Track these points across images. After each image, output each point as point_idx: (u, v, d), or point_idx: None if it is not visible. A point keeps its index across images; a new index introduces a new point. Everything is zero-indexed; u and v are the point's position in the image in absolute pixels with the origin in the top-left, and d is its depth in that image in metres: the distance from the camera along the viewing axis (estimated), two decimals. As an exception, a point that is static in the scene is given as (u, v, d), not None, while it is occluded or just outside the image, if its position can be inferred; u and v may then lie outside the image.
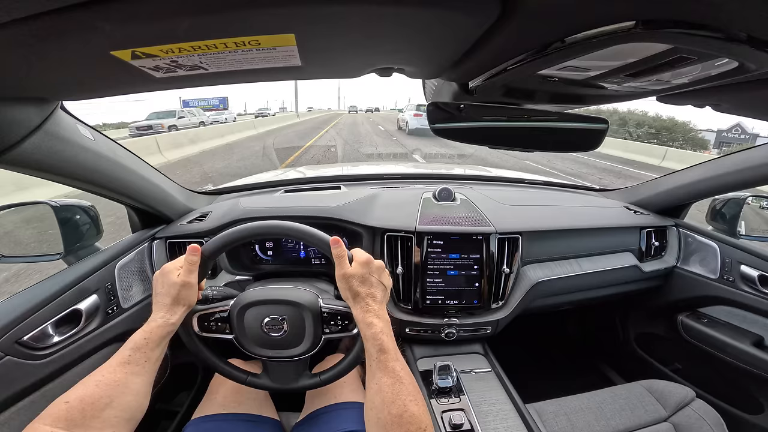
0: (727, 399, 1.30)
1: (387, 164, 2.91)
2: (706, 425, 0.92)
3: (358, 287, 0.66)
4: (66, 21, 0.32)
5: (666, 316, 1.46)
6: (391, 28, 0.40)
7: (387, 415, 0.56)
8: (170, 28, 0.35)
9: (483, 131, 0.68)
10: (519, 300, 1.16)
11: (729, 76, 0.44)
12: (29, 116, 0.60)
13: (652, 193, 1.45)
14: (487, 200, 1.29)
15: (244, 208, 1.18)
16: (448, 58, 0.51)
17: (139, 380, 0.58)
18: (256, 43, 0.39)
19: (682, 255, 1.39)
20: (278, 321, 0.75)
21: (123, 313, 0.94)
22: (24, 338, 0.72)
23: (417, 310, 1.14)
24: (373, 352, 0.62)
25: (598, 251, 1.30)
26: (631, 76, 0.48)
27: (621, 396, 1.03)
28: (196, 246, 0.70)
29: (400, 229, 1.12)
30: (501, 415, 0.93)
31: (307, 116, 39.21)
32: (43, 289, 0.78)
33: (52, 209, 0.90)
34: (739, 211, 1.27)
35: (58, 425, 0.49)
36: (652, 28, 0.34)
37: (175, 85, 0.52)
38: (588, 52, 0.39)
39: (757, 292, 1.17)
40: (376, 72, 0.55)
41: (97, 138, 0.80)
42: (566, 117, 0.69)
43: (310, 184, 1.57)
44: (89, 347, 0.85)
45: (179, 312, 0.66)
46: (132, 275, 1.01)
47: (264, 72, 0.50)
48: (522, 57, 0.46)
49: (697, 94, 0.57)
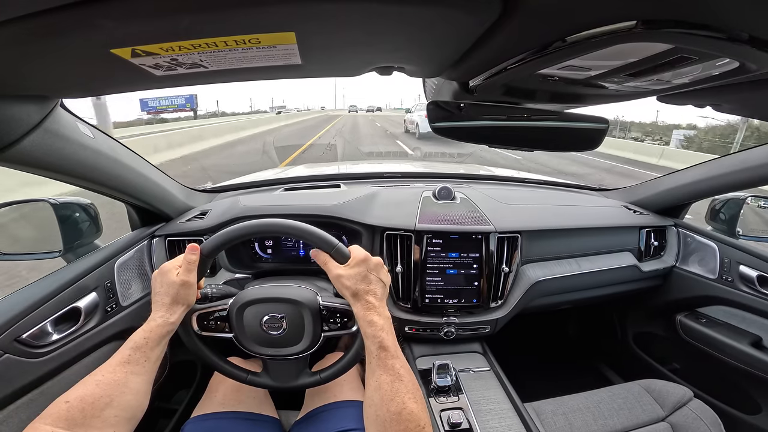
0: (725, 399, 1.31)
1: (387, 163, 2.91)
2: (703, 425, 0.92)
3: (358, 285, 0.66)
4: (66, 19, 0.32)
5: (664, 316, 1.47)
6: (391, 27, 0.40)
7: (386, 412, 0.56)
8: (170, 26, 0.35)
9: (483, 130, 0.68)
10: (518, 299, 1.16)
11: (730, 76, 0.44)
12: (29, 114, 0.60)
13: (652, 192, 1.46)
14: (486, 199, 1.29)
15: (243, 207, 1.18)
16: (448, 57, 0.50)
17: (139, 379, 0.58)
18: (257, 41, 0.39)
19: (681, 255, 1.40)
20: (277, 319, 0.75)
21: (122, 311, 0.94)
22: (23, 336, 0.71)
23: (416, 309, 1.14)
24: (373, 349, 0.62)
25: (598, 251, 1.31)
26: (631, 76, 0.48)
27: (619, 395, 1.03)
28: (195, 245, 0.70)
29: (399, 228, 1.12)
30: (499, 414, 0.93)
31: (266, 124, 21.84)
32: (43, 286, 0.78)
33: (51, 207, 0.90)
34: (739, 212, 1.28)
35: (59, 425, 0.49)
36: (652, 27, 0.34)
37: (175, 83, 0.52)
38: (589, 51, 0.39)
39: (755, 293, 1.17)
40: (376, 70, 0.55)
41: (97, 136, 0.80)
42: (566, 116, 0.69)
43: (309, 183, 1.56)
44: (88, 345, 0.85)
45: (179, 311, 0.66)
46: (131, 273, 1.01)
47: (264, 70, 0.50)
48: (523, 56, 0.46)
49: (698, 94, 0.57)
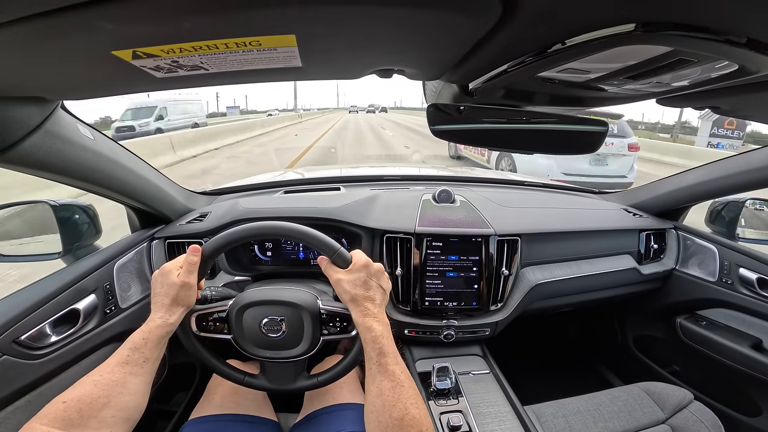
0: (725, 401, 1.30)
1: (386, 166, 2.91)
2: (703, 428, 0.92)
3: (357, 290, 0.66)
4: (67, 20, 0.32)
5: (664, 319, 1.47)
6: (392, 30, 0.40)
7: (388, 418, 0.56)
8: (171, 28, 0.35)
9: (483, 133, 0.68)
10: (518, 302, 1.15)
11: (729, 79, 0.44)
12: (30, 115, 0.60)
13: (651, 195, 1.46)
14: (486, 202, 1.29)
15: (243, 209, 1.18)
16: (448, 60, 0.51)
17: (138, 380, 0.58)
18: (257, 43, 0.39)
19: (681, 257, 1.39)
20: (277, 322, 0.75)
21: (121, 313, 0.94)
22: (21, 338, 0.71)
23: (416, 312, 1.14)
24: (374, 355, 0.62)
25: (597, 253, 1.31)
26: (631, 79, 0.48)
27: (619, 398, 1.03)
28: (196, 246, 0.70)
29: (399, 231, 1.12)
30: (499, 417, 0.93)
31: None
32: (41, 288, 0.78)
33: (51, 208, 0.90)
34: (738, 214, 1.28)
35: (55, 425, 0.48)
36: (652, 30, 0.34)
37: (175, 85, 0.52)
38: (588, 54, 0.40)
39: (755, 295, 1.17)
40: (376, 73, 0.55)
41: (97, 138, 0.80)
42: (566, 119, 0.69)
43: (309, 185, 1.57)
44: (87, 347, 0.84)
45: (178, 312, 0.66)
46: (130, 275, 1.01)
47: (264, 73, 0.50)
48: (522, 59, 0.46)
49: (697, 97, 0.57)
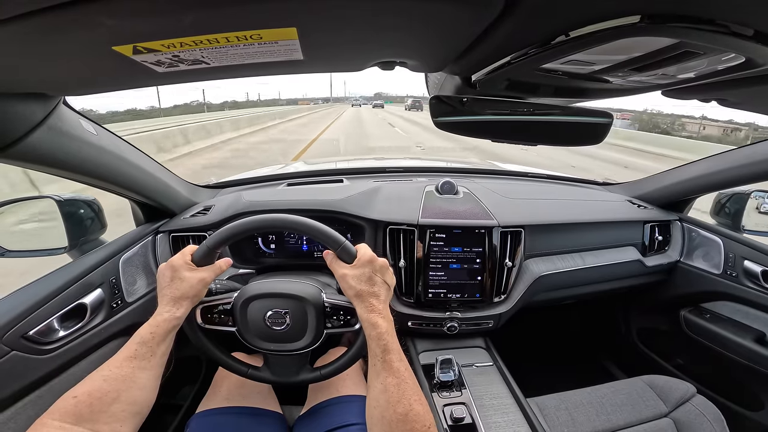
0: (728, 395, 1.30)
1: (390, 158, 2.90)
2: (706, 421, 0.92)
3: (361, 286, 0.67)
4: (68, 16, 0.32)
5: (668, 311, 1.46)
6: (393, 22, 0.40)
7: (393, 413, 0.56)
8: (172, 22, 0.35)
9: (486, 125, 0.67)
10: (521, 294, 1.16)
11: (736, 71, 0.43)
12: (32, 111, 0.61)
13: (656, 187, 1.44)
14: (489, 193, 1.29)
15: (246, 202, 1.18)
16: (451, 52, 0.50)
17: (146, 374, 0.58)
18: (258, 37, 0.39)
19: (686, 250, 1.39)
20: (281, 315, 0.75)
21: (127, 307, 0.95)
22: (30, 333, 0.72)
23: (419, 304, 1.14)
24: (378, 351, 0.62)
25: (601, 245, 1.30)
26: (636, 71, 0.48)
27: (622, 391, 1.03)
28: (228, 260, 0.76)
29: (402, 223, 1.12)
30: (502, 409, 0.93)
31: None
32: (48, 283, 0.79)
33: (56, 203, 0.91)
34: (744, 206, 1.27)
35: (67, 420, 0.49)
36: (657, 22, 0.33)
37: (177, 79, 0.52)
38: (592, 46, 0.39)
39: (760, 288, 1.16)
40: (378, 65, 0.55)
41: (100, 133, 0.80)
42: (570, 110, 0.68)
43: (312, 178, 1.56)
44: (94, 341, 0.85)
45: (185, 305, 0.66)
46: (136, 269, 1.01)
47: (266, 66, 0.50)
48: (526, 50, 0.45)
49: (703, 89, 0.56)
